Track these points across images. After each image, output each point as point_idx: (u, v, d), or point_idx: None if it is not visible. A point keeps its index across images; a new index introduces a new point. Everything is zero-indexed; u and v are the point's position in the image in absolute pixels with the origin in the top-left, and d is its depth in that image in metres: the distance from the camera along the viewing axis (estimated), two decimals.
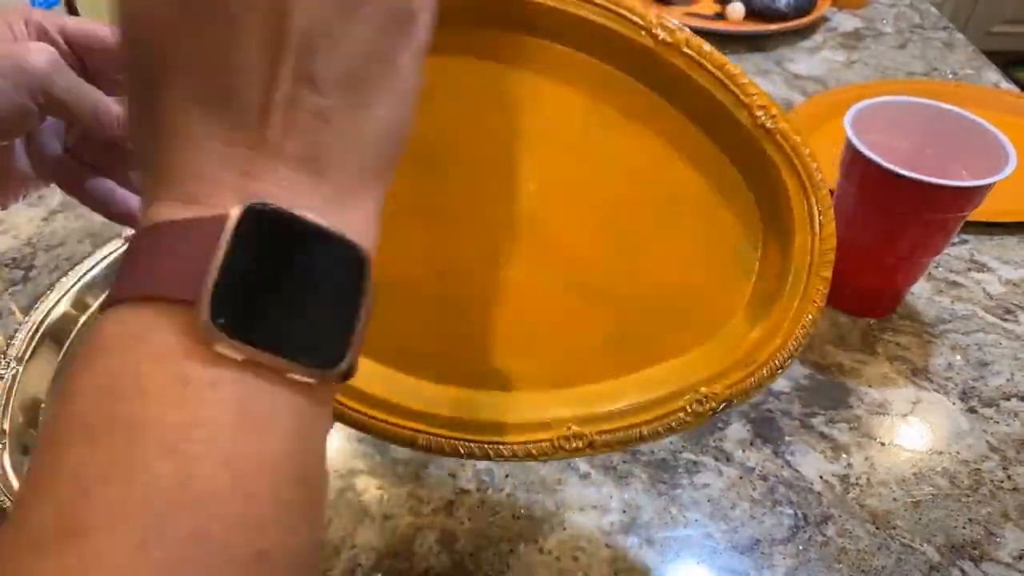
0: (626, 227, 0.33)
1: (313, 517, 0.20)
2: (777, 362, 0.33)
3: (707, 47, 0.29)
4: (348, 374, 0.20)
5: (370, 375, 0.34)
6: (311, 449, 0.20)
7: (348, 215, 0.20)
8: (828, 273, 0.32)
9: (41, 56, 0.31)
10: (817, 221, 0.31)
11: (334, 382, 0.20)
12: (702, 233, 0.33)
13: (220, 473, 0.17)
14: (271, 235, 0.19)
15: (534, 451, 0.35)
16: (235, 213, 0.18)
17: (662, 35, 0.29)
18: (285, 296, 0.19)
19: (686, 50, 0.29)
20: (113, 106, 0.33)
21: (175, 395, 0.18)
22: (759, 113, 0.30)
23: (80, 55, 0.34)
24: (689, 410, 0.34)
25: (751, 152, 0.31)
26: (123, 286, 0.19)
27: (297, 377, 0.19)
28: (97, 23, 0.34)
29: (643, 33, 0.29)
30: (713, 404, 0.34)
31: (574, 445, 0.34)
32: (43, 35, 0.33)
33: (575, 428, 0.34)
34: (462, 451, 0.35)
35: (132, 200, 0.37)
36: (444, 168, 0.33)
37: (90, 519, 0.16)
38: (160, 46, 0.19)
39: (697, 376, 0.34)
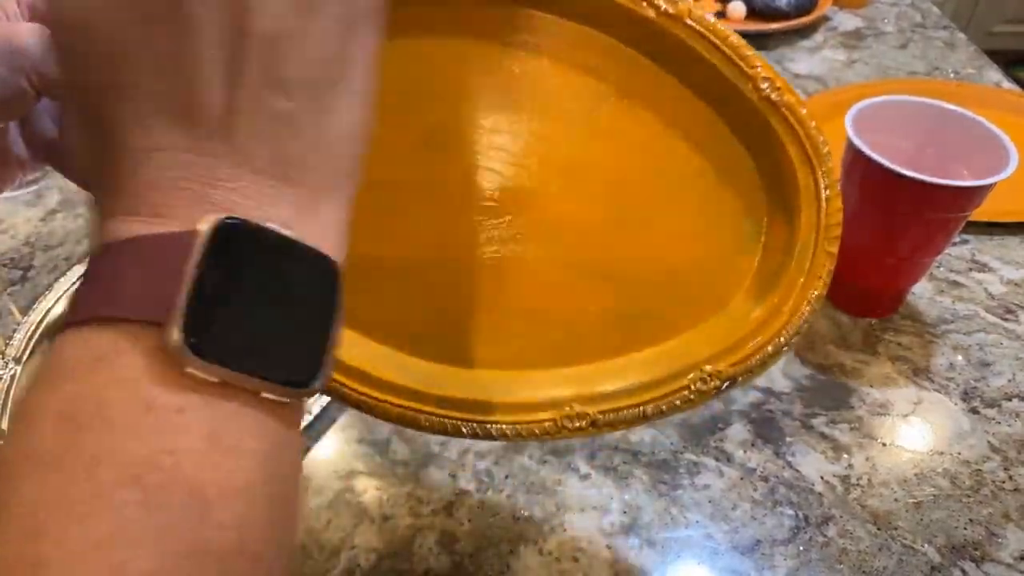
0: (628, 203, 0.33)
1: (285, 539, 0.20)
2: (782, 339, 0.32)
3: (710, 18, 0.29)
4: (320, 390, 0.20)
5: (370, 354, 0.34)
6: (284, 470, 0.20)
7: (318, 224, 0.20)
8: (834, 248, 0.31)
9: (33, 36, 0.31)
10: (823, 195, 0.30)
11: (306, 399, 0.20)
12: (705, 208, 0.32)
13: (188, 503, 0.17)
14: (242, 250, 0.18)
15: (536, 431, 0.34)
16: (204, 228, 0.17)
17: (664, 6, 0.28)
18: (258, 313, 0.18)
19: (689, 22, 0.29)
20: None
21: (140, 423, 0.17)
22: (764, 86, 0.29)
23: None
24: (693, 388, 0.33)
25: (756, 125, 0.30)
26: (84, 306, 0.18)
27: (271, 397, 0.18)
28: None
29: (645, 4, 0.29)
30: (717, 382, 0.33)
31: (576, 425, 0.33)
32: (36, 17, 0.33)
33: (577, 407, 0.33)
34: (464, 431, 0.34)
35: None
36: (444, 147, 0.32)
37: (48, 557, 0.15)
38: (111, 57, 0.18)
39: (701, 354, 0.33)
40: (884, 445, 0.49)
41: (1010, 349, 0.55)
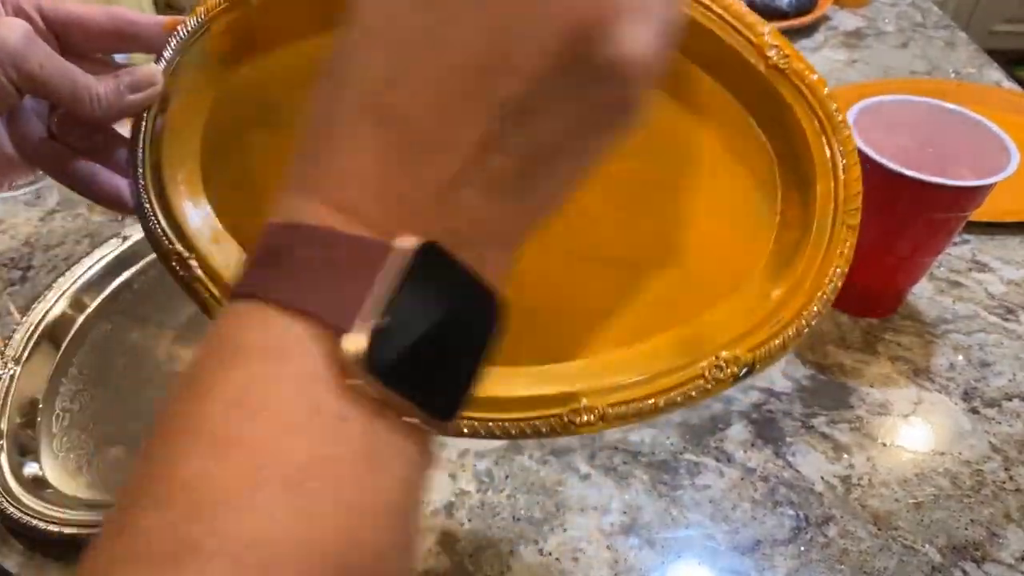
0: (633, 184, 0.31)
1: (409, 563, 0.20)
2: (804, 320, 0.30)
3: None
4: (453, 426, 0.20)
5: None
6: (415, 496, 0.20)
7: (493, 266, 0.20)
8: (855, 221, 0.29)
9: (13, 32, 0.30)
10: (840, 165, 0.29)
11: (438, 433, 0.20)
12: (714, 185, 0.31)
13: (334, 515, 0.17)
14: (434, 278, 0.18)
15: (543, 428, 0.31)
16: (408, 246, 0.18)
17: None
18: (429, 342, 0.18)
19: None
20: (93, 85, 0.32)
21: (307, 424, 0.17)
22: (771, 53, 0.28)
23: (58, 33, 0.33)
24: (708, 376, 0.30)
25: (765, 96, 0.29)
26: (273, 285, 0.18)
27: (415, 422, 0.19)
28: (74, 2, 0.34)
29: None
30: (735, 369, 0.30)
31: (585, 419, 0.31)
32: (20, 13, 0.32)
33: (586, 401, 0.31)
34: (466, 430, 0.31)
35: (117, 181, 0.35)
36: None
37: (200, 543, 0.16)
38: (376, 63, 0.19)
39: (716, 340, 0.31)
40: (884, 445, 0.48)
41: (1010, 349, 0.55)
